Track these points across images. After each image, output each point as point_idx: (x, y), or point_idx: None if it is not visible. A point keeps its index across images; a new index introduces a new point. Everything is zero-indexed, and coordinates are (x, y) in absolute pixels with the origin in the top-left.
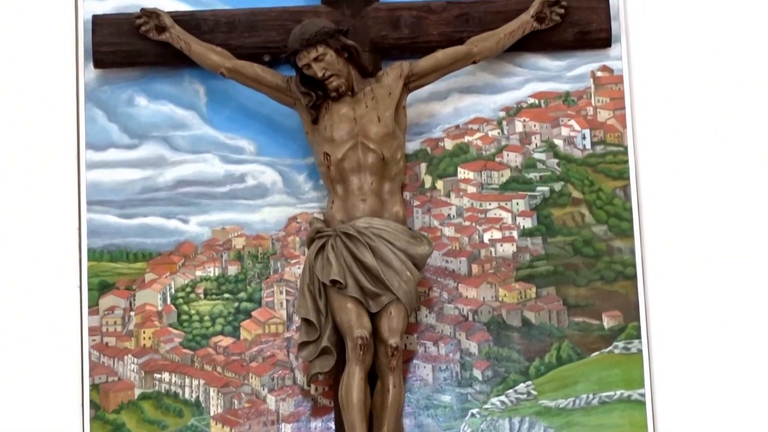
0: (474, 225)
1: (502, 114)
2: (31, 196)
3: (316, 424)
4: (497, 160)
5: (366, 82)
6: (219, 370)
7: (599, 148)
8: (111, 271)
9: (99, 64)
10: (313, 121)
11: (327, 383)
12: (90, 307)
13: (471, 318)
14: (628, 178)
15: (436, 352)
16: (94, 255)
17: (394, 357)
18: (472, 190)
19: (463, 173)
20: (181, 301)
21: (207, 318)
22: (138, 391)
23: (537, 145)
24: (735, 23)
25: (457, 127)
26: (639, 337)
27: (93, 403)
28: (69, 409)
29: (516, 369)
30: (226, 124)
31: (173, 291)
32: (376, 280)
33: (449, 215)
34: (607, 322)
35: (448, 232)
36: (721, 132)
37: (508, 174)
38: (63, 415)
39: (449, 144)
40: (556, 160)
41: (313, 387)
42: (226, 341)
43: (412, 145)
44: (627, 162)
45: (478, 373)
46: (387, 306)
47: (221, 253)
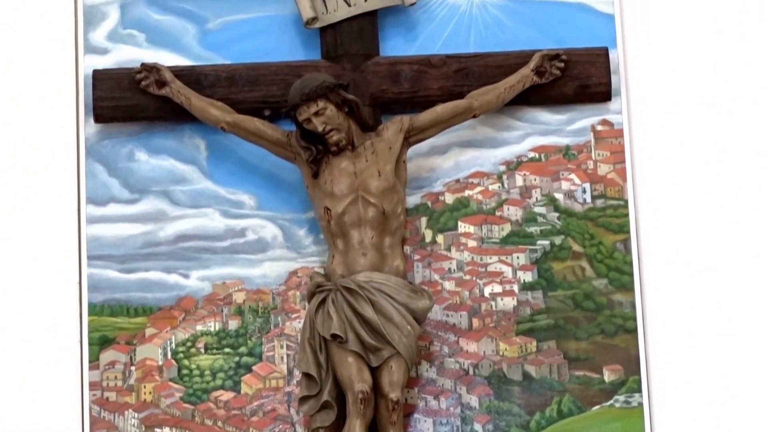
0: (474, 279)
1: (503, 168)
2: (33, 252)
3: None
4: (498, 214)
5: (366, 136)
6: (220, 424)
7: (599, 202)
8: (111, 325)
9: (99, 118)
10: (314, 175)
11: None
12: (90, 361)
13: (472, 372)
14: (629, 232)
15: (436, 406)
16: (95, 310)
17: (395, 411)
18: (472, 244)
19: (463, 227)
20: (181, 355)
21: (208, 372)
22: None
23: (537, 198)
24: (733, 77)
25: (458, 181)
26: (640, 390)
27: None
28: None
29: (517, 423)
30: (226, 178)
31: (174, 345)
32: (376, 334)
33: (450, 269)
34: (608, 376)
35: (449, 286)
36: (720, 187)
37: (508, 228)
38: None
39: (450, 198)
40: (557, 214)
41: None
42: (226, 396)
43: (413, 199)
44: (627, 216)
45: (479, 427)
46: (388, 360)
47: (222, 307)
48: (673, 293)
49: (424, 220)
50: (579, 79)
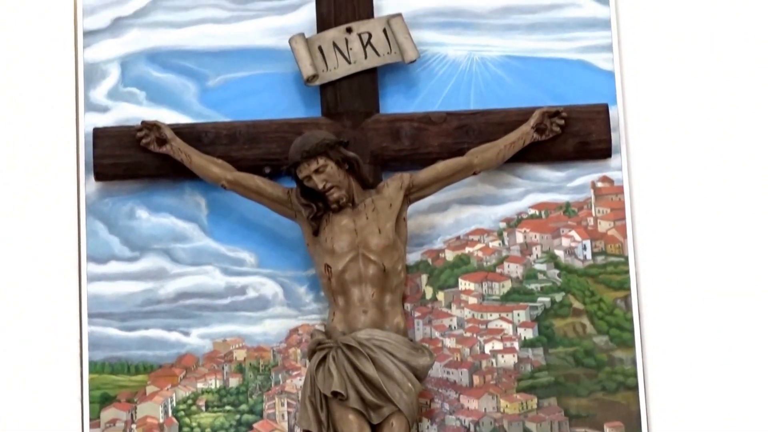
0: (475, 336)
1: (503, 225)
2: (33, 310)
3: None
4: (498, 271)
5: (366, 193)
6: None
7: (600, 259)
8: (112, 383)
9: (100, 176)
10: (314, 232)
11: None
12: (91, 419)
13: (473, 429)
14: (629, 289)
15: None
16: (96, 368)
17: None
18: (473, 301)
19: (464, 284)
20: (182, 413)
21: (209, 430)
22: None
23: (538, 255)
24: (733, 135)
25: (458, 238)
26: None
27: None
28: None
29: None
30: (227, 236)
31: (174, 403)
32: (377, 391)
33: (450, 326)
34: None
35: (449, 343)
36: (721, 244)
37: (509, 285)
38: None
39: (450, 255)
40: (557, 271)
41: None
42: None
43: (413, 257)
44: (628, 272)
45: None
46: (388, 417)
47: (222, 365)
48: (673, 350)
49: (424, 277)
50: (579, 136)
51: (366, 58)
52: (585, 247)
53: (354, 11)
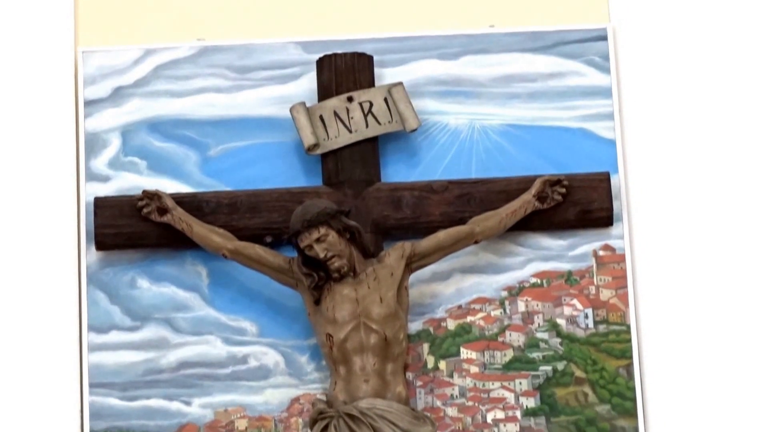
0: (477, 405)
1: (505, 294)
2: (34, 380)
3: None
4: (500, 339)
5: (368, 262)
6: None
7: (602, 327)
8: None
9: (101, 246)
10: (315, 302)
11: None
12: None
13: None
14: (631, 357)
15: None
16: None
17: None
18: (474, 370)
19: (465, 353)
20: None
21: None
22: None
23: (539, 324)
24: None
25: (460, 307)
26: None
27: None
28: None
29: None
30: (228, 305)
31: None
32: None
33: (452, 395)
34: None
35: (451, 412)
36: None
37: (510, 354)
38: None
39: (452, 324)
40: (559, 340)
41: None
42: None
43: (415, 326)
44: (630, 341)
45: None
46: None
47: None
48: (676, 419)
49: (426, 346)
50: (581, 204)
51: (367, 126)
52: (587, 316)
53: (355, 80)
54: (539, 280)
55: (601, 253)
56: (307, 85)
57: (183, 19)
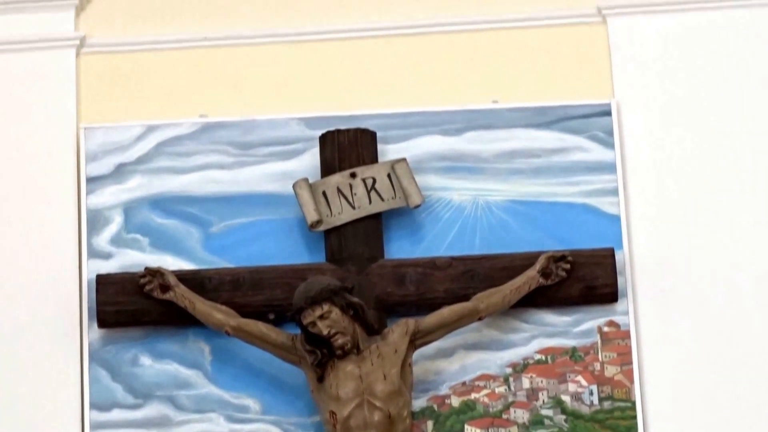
0: None
1: (509, 370)
2: None
3: None
4: (504, 416)
5: (371, 339)
6: None
7: (607, 404)
8: None
9: (103, 323)
10: (319, 379)
11: None
12: None
13: None
14: None
15: None
16: None
17: None
18: None
19: (470, 430)
20: None
21: None
22: None
23: (544, 401)
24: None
25: (464, 384)
26: None
27: None
28: None
29: None
30: (230, 383)
31: None
32: None
33: None
34: None
35: None
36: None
37: (515, 431)
38: None
39: (456, 401)
40: (564, 416)
41: None
42: None
43: (419, 403)
44: (635, 417)
45: None
46: None
47: None
48: None
49: (430, 424)
50: (585, 280)
51: (370, 203)
52: (592, 392)
53: (358, 156)
54: (544, 357)
55: (605, 329)
56: (309, 161)
57: (185, 96)
